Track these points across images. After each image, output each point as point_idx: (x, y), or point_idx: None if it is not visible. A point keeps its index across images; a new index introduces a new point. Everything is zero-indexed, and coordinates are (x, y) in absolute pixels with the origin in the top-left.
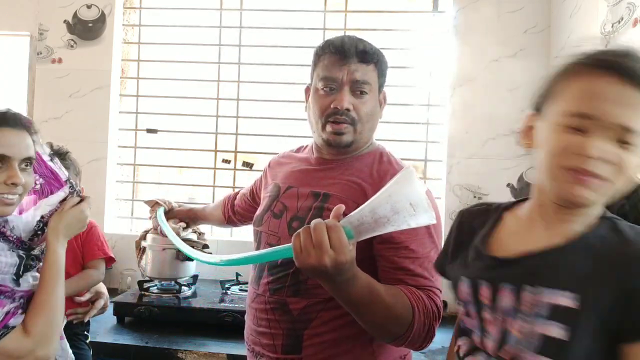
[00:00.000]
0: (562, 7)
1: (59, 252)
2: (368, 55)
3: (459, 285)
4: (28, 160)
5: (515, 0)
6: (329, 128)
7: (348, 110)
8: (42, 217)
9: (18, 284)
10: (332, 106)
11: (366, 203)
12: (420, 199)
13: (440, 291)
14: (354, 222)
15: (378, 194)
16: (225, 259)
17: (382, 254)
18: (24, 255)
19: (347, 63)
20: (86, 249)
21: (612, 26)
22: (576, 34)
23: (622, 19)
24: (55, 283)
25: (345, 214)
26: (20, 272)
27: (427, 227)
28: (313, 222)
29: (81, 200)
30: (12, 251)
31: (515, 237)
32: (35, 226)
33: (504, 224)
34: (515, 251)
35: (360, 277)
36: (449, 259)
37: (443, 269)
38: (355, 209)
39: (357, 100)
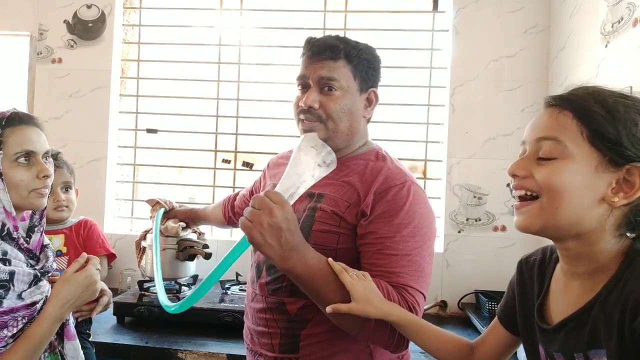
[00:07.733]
0: (562, 7)
1: (52, 327)
2: (335, 52)
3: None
4: (47, 154)
5: (515, 0)
6: (300, 126)
7: (313, 108)
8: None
9: (21, 299)
10: (300, 104)
11: (284, 172)
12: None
13: (420, 291)
14: (282, 188)
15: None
16: (179, 303)
17: (361, 249)
18: (38, 273)
19: (315, 60)
20: (88, 247)
21: (612, 26)
22: (576, 34)
23: (622, 19)
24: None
25: (335, 213)
26: (28, 289)
27: (412, 227)
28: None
29: (86, 263)
30: (28, 266)
31: (560, 301)
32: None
33: (553, 281)
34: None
35: (312, 250)
36: (517, 315)
37: (508, 323)
38: (346, 209)
39: (325, 97)
